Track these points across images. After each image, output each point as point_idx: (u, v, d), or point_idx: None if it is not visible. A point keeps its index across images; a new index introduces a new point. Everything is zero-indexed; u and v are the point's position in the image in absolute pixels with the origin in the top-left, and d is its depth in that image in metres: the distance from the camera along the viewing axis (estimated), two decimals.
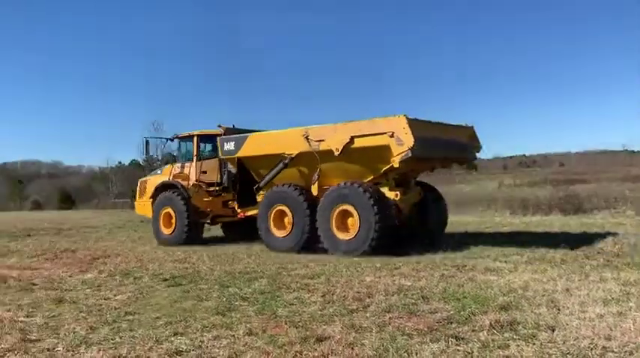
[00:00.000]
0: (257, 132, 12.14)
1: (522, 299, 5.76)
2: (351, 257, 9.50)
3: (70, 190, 61.64)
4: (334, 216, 10.15)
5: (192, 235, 12.94)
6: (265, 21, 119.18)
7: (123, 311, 5.91)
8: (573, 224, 15.12)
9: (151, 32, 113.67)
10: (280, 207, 11.10)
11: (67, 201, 56.60)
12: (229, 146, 12.07)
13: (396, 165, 9.68)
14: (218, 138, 12.54)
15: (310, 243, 10.63)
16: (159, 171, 15.03)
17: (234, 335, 4.78)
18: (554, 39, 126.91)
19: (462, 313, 5.26)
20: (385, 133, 9.65)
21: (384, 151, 9.71)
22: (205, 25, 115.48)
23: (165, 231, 13.32)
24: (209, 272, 8.41)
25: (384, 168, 10.05)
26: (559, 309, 5.27)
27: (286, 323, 5.12)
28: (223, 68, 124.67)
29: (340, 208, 10.08)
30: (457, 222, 15.33)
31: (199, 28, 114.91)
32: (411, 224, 11.14)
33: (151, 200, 13.94)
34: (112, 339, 4.81)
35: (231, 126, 13.05)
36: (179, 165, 14.01)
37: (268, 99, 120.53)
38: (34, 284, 7.73)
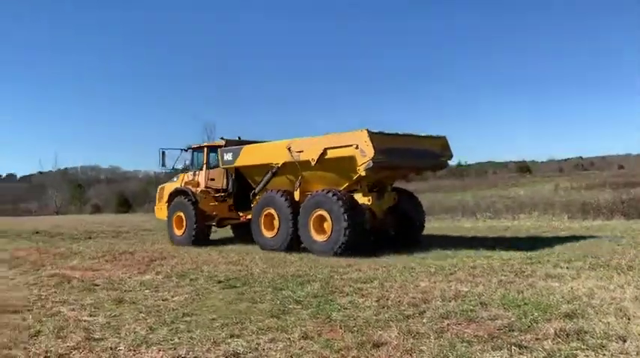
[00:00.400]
0: (250, 145, 13.52)
1: (588, 307, 5.49)
2: (325, 256, 10.42)
3: (128, 194, 63.76)
4: (312, 219, 11.18)
5: (199, 236, 14.02)
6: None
7: (180, 312, 6.02)
8: (638, 228, 14.36)
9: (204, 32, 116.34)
10: (269, 211, 12.22)
11: (125, 204, 58.55)
12: (228, 157, 13.47)
13: (363, 174, 10.68)
14: (218, 150, 13.91)
15: (294, 243, 11.63)
16: (175, 179, 16.02)
17: (289, 339, 4.78)
18: (611, 40, 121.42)
19: (523, 320, 5.06)
20: (351, 145, 10.69)
21: (351, 161, 10.75)
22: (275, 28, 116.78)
23: (178, 233, 14.46)
24: (262, 274, 8.47)
25: (355, 177, 11.01)
26: (629, 318, 4.99)
27: (341, 328, 5.07)
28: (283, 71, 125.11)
29: (317, 213, 11.11)
30: (513, 226, 14.90)
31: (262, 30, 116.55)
32: (387, 227, 11.99)
33: (167, 204, 15.10)
34: (171, 340, 4.90)
35: (237, 138, 14.42)
36: (191, 173, 15.26)
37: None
38: (96, 285, 8.00)
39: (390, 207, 11.90)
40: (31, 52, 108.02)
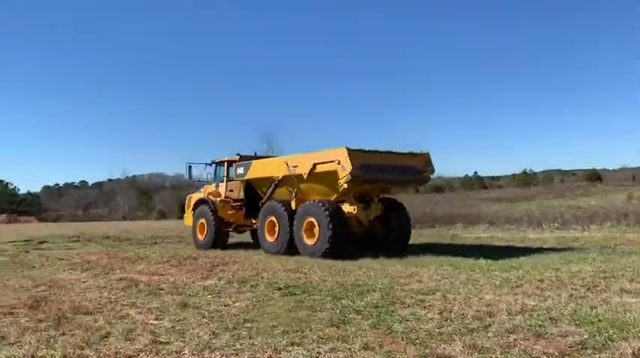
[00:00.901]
0: (258, 160, 15.18)
1: None
2: (314, 257, 11.76)
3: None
4: (304, 226, 12.55)
5: (218, 241, 15.63)
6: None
7: (242, 318, 6.10)
8: None
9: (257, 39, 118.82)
10: (271, 219, 13.64)
11: None
12: (240, 170, 15.18)
13: (345, 186, 11.93)
14: (233, 164, 15.70)
15: (291, 246, 12.88)
16: (201, 190, 17.66)
17: (350, 349, 4.73)
18: None
19: (597, 338, 4.78)
20: (334, 161, 11.98)
21: (334, 175, 12.03)
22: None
23: (200, 237, 16.18)
24: (321, 283, 8.45)
25: (341, 189, 12.18)
26: None
27: (403, 340, 4.97)
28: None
29: (308, 220, 12.46)
30: (583, 237, 14.19)
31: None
32: (375, 233, 13.29)
33: (192, 212, 16.87)
34: (232, 345, 4.97)
35: (254, 154, 16.37)
36: (214, 184, 16.94)
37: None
38: (161, 289, 8.26)
39: (377, 216, 13.11)
40: (107, 69, 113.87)
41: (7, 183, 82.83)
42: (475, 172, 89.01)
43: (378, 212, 13.12)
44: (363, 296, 7.20)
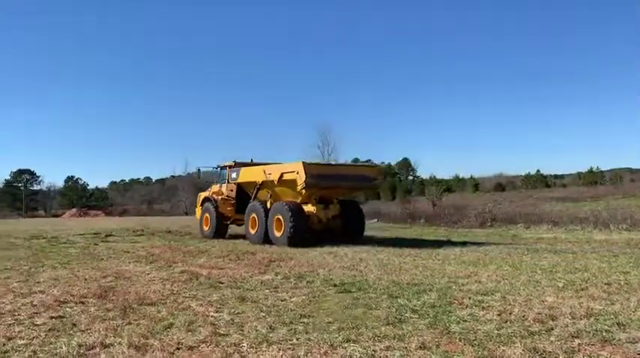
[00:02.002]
0: (246, 167, 18.07)
1: None
2: (282, 246, 14.60)
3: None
4: (274, 221, 15.42)
5: (219, 231, 18.77)
6: None
7: (298, 313, 6.19)
8: None
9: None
10: (253, 215, 16.58)
11: None
12: (233, 175, 18.41)
13: (303, 192, 15.06)
14: (228, 169, 18.97)
15: (267, 237, 15.62)
16: (209, 189, 20.51)
17: (406, 348, 4.70)
18: None
19: None
20: (294, 171, 14.93)
21: (295, 183, 14.97)
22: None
23: (205, 228, 19.40)
24: (377, 281, 8.44)
25: (302, 193, 15.25)
26: None
27: (460, 340, 4.90)
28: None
29: (276, 217, 15.35)
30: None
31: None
32: (334, 228, 16.16)
33: (200, 208, 20.12)
34: (289, 340, 5.05)
35: (250, 161, 19.03)
36: (218, 185, 19.75)
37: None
38: (221, 283, 8.49)
39: (334, 215, 16.08)
40: (168, 70, 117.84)
41: (77, 179, 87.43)
42: (538, 170, 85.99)
43: (336, 211, 16.14)
44: (419, 295, 7.13)
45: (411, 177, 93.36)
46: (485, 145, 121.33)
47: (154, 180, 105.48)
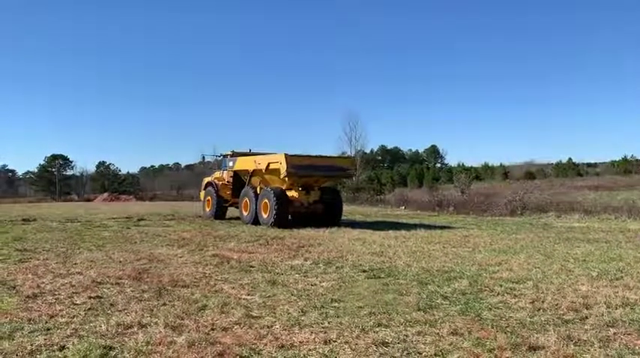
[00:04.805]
0: (240, 157, 19.96)
1: None
2: (267, 227, 16.35)
3: None
4: (261, 204, 17.31)
5: (218, 213, 20.49)
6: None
7: (329, 297, 6.25)
8: None
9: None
10: (245, 199, 18.50)
11: None
12: (230, 163, 20.41)
13: (286, 179, 16.92)
14: (226, 158, 21.17)
15: (257, 219, 17.39)
16: (212, 174, 22.53)
17: (438, 333, 4.72)
18: None
19: None
20: (277, 161, 16.87)
21: (279, 171, 16.87)
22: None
23: (207, 210, 21.23)
24: (406, 267, 8.44)
25: (285, 180, 17.07)
26: None
27: (493, 327, 4.89)
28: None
29: (263, 201, 17.24)
30: None
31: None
32: (315, 211, 17.91)
33: (204, 191, 22.01)
34: (321, 323, 5.11)
35: (248, 150, 21.01)
36: (220, 171, 21.69)
37: None
38: (252, 266, 8.61)
39: (315, 200, 17.83)
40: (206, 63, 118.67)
41: (109, 165, 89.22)
42: (569, 158, 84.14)
43: (317, 197, 17.92)
44: (450, 282, 7.12)
45: (439, 165, 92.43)
46: (515, 135, 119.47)
47: (182, 166, 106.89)
